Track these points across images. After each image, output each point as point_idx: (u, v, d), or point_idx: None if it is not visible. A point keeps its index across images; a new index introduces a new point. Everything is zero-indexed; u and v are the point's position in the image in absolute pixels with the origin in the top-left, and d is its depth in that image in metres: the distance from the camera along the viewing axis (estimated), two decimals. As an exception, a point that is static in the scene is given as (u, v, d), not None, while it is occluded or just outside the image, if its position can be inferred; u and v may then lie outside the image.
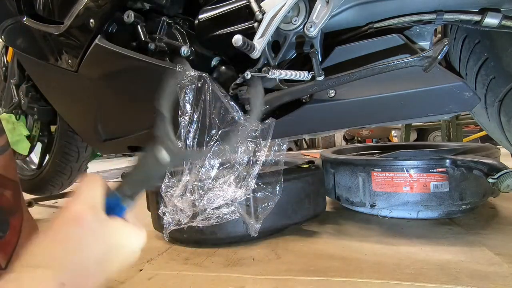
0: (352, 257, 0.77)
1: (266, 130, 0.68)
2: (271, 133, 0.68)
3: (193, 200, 0.68)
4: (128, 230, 0.37)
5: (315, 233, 0.97)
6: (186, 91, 0.67)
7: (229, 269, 0.76)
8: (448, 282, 0.63)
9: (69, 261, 0.31)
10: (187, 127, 0.67)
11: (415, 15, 0.65)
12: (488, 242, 0.81)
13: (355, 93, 0.66)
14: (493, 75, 0.77)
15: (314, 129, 0.73)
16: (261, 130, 0.68)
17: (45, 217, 1.51)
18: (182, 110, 0.68)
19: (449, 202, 0.94)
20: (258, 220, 0.76)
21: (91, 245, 0.33)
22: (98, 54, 0.79)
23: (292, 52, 0.69)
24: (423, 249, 0.79)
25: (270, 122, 0.68)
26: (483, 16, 0.62)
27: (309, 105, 0.69)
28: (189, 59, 0.74)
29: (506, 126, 0.79)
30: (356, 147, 1.57)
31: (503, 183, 0.74)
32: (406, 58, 0.59)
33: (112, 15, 0.79)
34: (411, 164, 0.96)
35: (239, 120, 0.68)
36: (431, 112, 0.64)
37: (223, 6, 0.71)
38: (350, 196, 1.07)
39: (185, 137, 0.68)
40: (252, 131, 0.68)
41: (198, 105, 0.68)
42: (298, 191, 0.97)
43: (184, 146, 0.68)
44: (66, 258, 0.31)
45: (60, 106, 1.09)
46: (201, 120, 0.69)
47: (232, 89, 0.72)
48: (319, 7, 0.61)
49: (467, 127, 3.52)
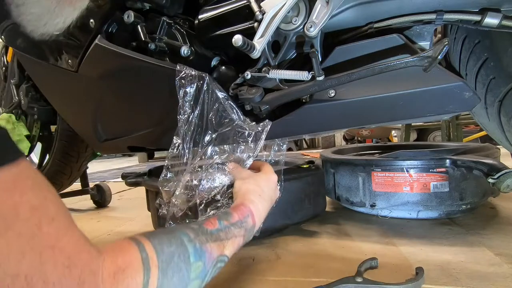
0: (352, 257, 0.77)
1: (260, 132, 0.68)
2: (264, 135, 0.68)
3: (187, 194, 0.68)
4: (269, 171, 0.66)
5: (315, 233, 0.97)
6: (186, 90, 0.67)
7: (229, 269, 0.76)
8: (448, 283, 0.63)
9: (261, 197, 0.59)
10: (185, 126, 0.67)
11: (415, 15, 0.65)
12: (488, 242, 0.81)
13: (355, 93, 0.66)
14: (493, 75, 0.77)
15: (314, 129, 0.73)
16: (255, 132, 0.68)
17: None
18: (181, 109, 0.67)
19: (449, 202, 0.94)
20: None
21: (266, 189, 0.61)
22: (98, 54, 0.79)
23: (292, 52, 0.69)
24: (423, 249, 0.79)
25: (265, 124, 0.68)
26: (483, 16, 0.62)
27: (309, 105, 0.69)
28: (189, 59, 0.74)
29: (506, 126, 0.79)
30: (356, 147, 1.57)
31: (503, 183, 0.74)
32: (406, 58, 0.59)
33: (112, 15, 0.79)
34: (411, 164, 0.96)
35: (238, 121, 0.68)
36: (431, 112, 0.64)
37: (223, 6, 0.71)
38: (350, 196, 1.07)
39: (183, 136, 0.68)
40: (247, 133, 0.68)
41: (197, 104, 0.68)
42: (298, 191, 0.97)
43: (181, 145, 0.68)
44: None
45: (60, 106, 1.09)
46: (199, 120, 0.69)
47: (232, 89, 0.72)
48: (319, 7, 0.61)
49: (467, 127, 3.52)
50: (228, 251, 0.48)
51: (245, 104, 0.72)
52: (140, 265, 0.36)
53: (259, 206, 0.57)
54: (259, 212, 0.57)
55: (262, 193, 0.59)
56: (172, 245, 0.40)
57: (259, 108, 0.70)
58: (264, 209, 0.59)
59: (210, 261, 0.44)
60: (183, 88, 0.67)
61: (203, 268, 0.43)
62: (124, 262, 0.35)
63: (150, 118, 0.88)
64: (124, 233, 1.14)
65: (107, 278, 0.32)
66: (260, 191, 0.59)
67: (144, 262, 0.36)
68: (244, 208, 0.55)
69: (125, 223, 1.28)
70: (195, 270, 0.41)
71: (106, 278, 0.32)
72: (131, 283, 0.34)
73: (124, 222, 1.29)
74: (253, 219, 0.55)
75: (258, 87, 0.69)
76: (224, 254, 0.47)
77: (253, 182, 0.61)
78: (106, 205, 1.67)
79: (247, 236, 0.53)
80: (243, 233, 0.52)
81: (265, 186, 0.61)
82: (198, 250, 0.43)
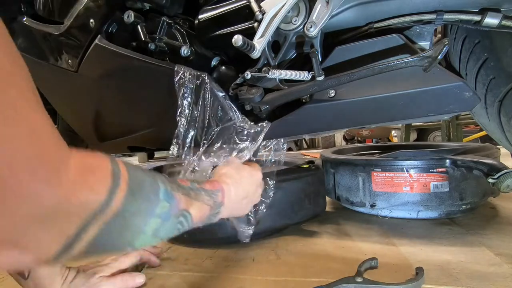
0: (352, 258, 0.77)
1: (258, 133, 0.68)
2: (262, 136, 0.69)
3: None
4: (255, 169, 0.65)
5: (315, 233, 0.97)
6: (185, 89, 0.67)
7: (229, 269, 0.76)
8: (448, 283, 0.63)
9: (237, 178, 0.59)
10: (185, 126, 0.67)
11: (415, 15, 0.65)
12: (488, 242, 0.81)
13: (355, 93, 0.66)
14: (493, 75, 0.77)
15: (314, 129, 0.73)
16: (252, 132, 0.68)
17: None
18: (180, 109, 0.67)
19: (449, 202, 0.94)
20: (250, 224, 0.74)
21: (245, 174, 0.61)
22: (98, 54, 0.79)
23: (292, 52, 0.69)
24: (423, 249, 0.79)
25: (263, 125, 0.68)
26: (483, 16, 0.62)
27: (309, 105, 0.69)
28: (189, 59, 0.74)
29: (506, 126, 0.79)
30: (356, 147, 1.57)
31: (503, 183, 0.74)
32: (406, 58, 0.59)
33: (112, 15, 0.79)
34: (411, 164, 0.96)
35: (236, 120, 0.68)
36: (431, 112, 0.64)
37: (223, 6, 0.71)
38: (350, 196, 1.07)
39: (182, 136, 0.68)
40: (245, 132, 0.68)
41: (197, 104, 0.68)
42: (298, 191, 0.96)
43: (181, 146, 0.68)
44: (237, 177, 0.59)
45: (60, 106, 1.09)
46: (199, 120, 0.69)
47: (232, 89, 0.72)
48: (319, 7, 0.61)
49: (467, 127, 3.52)
50: (194, 211, 0.46)
51: (245, 104, 0.73)
52: (109, 174, 0.33)
53: (232, 191, 0.56)
54: (230, 196, 0.56)
55: (239, 181, 0.58)
56: (145, 176, 0.39)
57: (259, 108, 0.70)
58: (236, 198, 0.57)
59: (175, 209, 0.43)
60: (182, 87, 0.67)
61: (168, 210, 0.41)
62: (94, 164, 0.33)
63: (150, 118, 0.88)
64: (124, 233, 1.14)
65: (73, 171, 0.29)
66: (237, 179, 0.58)
67: (114, 174, 0.34)
68: (216, 184, 0.54)
69: (125, 223, 1.28)
70: (161, 208, 0.40)
71: (71, 171, 0.29)
72: (96, 185, 0.32)
73: (124, 222, 1.29)
74: (222, 197, 0.54)
75: (258, 87, 0.70)
76: (189, 211, 0.46)
77: (234, 168, 0.61)
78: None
79: (213, 211, 0.52)
80: (211, 204, 0.51)
81: (245, 177, 0.60)
82: (168, 192, 0.41)
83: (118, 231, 0.35)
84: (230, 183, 0.57)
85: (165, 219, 0.41)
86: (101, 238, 0.33)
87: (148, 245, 0.43)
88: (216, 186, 0.54)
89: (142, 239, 0.38)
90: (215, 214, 0.53)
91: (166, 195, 0.41)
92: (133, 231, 0.37)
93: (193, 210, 0.46)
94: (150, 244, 0.44)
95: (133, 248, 0.39)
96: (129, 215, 0.35)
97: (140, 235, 0.38)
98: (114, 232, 0.34)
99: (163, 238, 0.42)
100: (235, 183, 0.58)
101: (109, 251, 0.38)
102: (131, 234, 0.36)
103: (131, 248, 0.38)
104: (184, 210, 0.45)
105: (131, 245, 0.38)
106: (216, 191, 0.53)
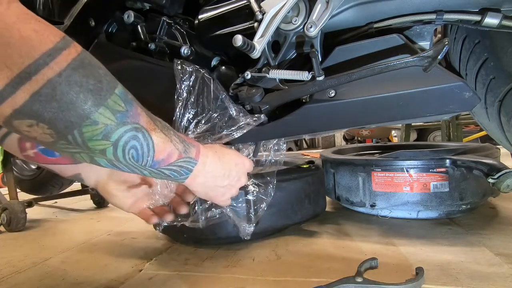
0: (352, 257, 0.77)
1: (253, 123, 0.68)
2: (258, 151, 0.70)
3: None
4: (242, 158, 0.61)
5: (315, 233, 0.97)
6: (183, 82, 0.67)
7: (229, 269, 0.76)
8: (448, 283, 0.63)
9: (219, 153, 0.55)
10: (181, 117, 0.67)
11: (415, 15, 0.65)
12: (488, 242, 0.81)
13: (355, 93, 0.66)
14: (493, 75, 0.77)
15: (314, 129, 0.73)
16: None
17: (45, 217, 1.51)
18: (179, 96, 0.67)
19: (449, 202, 0.94)
20: (251, 222, 0.75)
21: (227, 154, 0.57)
22: (98, 54, 0.79)
23: (292, 52, 0.69)
24: (423, 249, 0.79)
25: (258, 117, 0.68)
26: (483, 16, 0.62)
27: (309, 105, 0.69)
28: (189, 59, 0.74)
29: (506, 126, 0.79)
30: (356, 147, 1.57)
31: (503, 183, 0.74)
32: (406, 58, 0.59)
33: (112, 15, 0.79)
34: (411, 164, 0.96)
35: (235, 115, 0.68)
36: (431, 112, 0.64)
37: (223, 6, 0.71)
38: (350, 196, 1.07)
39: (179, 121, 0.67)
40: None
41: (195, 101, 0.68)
42: (298, 191, 0.97)
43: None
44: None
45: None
46: (195, 105, 0.69)
47: (232, 89, 0.72)
48: (319, 7, 0.61)
49: (467, 127, 3.52)
50: (157, 140, 0.41)
51: (245, 104, 0.72)
52: (60, 34, 0.32)
53: (209, 158, 0.52)
54: (206, 163, 0.51)
55: (221, 157, 0.55)
56: (104, 69, 0.36)
57: (259, 108, 0.70)
58: (213, 172, 0.53)
59: (133, 118, 0.38)
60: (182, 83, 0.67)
61: (125, 112, 0.36)
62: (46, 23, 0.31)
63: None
64: (124, 233, 1.14)
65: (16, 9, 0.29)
66: (220, 154, 0.55)
67: (65, 38, 0.32)
68: (194, 142, 0.51)
69: (125, 223, 1.28)
70: (114, 102, 0.35)
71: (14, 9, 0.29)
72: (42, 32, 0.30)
73: (124, 222, 1.29)
74: (197, 154, 0.49)
75: (258, 87, 0.70)
76: (150, 134, 0.40)
77: (220, 145, 0.59)
78: (106, 205, 1.67)
79: (183, 163, 0.47)
80: (181, 150, 0.46)
81: (228, 157, 0.56)
82: (126, 96, 0.37)
83: (60, 94, 0.31)
84: (210, 153, 0.53)
85: (120, 121, 0.36)
86: (42, 96, 0.31)
87: (110, 155, 0.37)
88: (193, 142, 0.50)
89: (92, 130, 0.34)
90: (185, 171, 0.48)
91: (124, 96, 0.37)
92: (78, 107, 0.32)
93: (156, 138, 0.41)
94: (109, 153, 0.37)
95: (83, 141, 0.35)
96: (74, 83, 0.32)
97: (88, 121, 0.33)
98: (57, 94, 0.31)
99: (119, 151, 0.37)
100: (215, 155, 0.53)
101: (53, 122, 0.33)
102: (74, 109, 0.32)
103: (80, 137, 0.34)
104: (144, 129, 0.39)
105: (78, 129, 0.33)
106: (191, 145, 0.49)
